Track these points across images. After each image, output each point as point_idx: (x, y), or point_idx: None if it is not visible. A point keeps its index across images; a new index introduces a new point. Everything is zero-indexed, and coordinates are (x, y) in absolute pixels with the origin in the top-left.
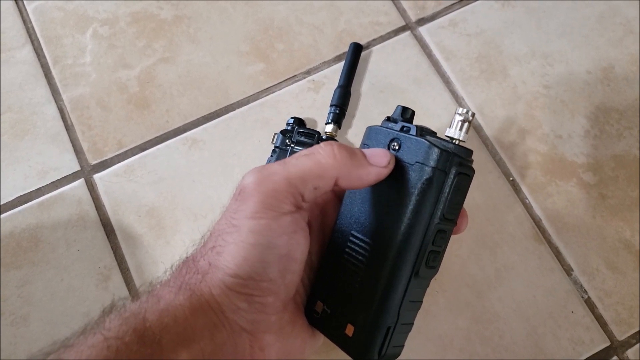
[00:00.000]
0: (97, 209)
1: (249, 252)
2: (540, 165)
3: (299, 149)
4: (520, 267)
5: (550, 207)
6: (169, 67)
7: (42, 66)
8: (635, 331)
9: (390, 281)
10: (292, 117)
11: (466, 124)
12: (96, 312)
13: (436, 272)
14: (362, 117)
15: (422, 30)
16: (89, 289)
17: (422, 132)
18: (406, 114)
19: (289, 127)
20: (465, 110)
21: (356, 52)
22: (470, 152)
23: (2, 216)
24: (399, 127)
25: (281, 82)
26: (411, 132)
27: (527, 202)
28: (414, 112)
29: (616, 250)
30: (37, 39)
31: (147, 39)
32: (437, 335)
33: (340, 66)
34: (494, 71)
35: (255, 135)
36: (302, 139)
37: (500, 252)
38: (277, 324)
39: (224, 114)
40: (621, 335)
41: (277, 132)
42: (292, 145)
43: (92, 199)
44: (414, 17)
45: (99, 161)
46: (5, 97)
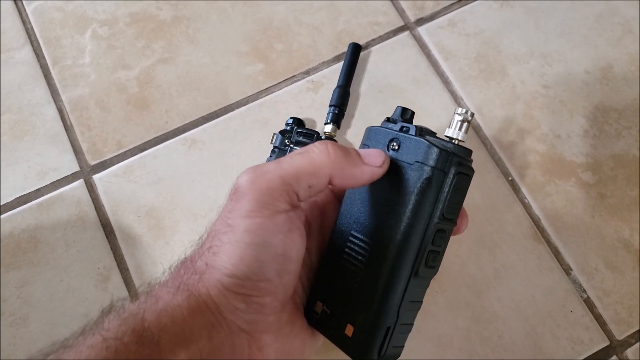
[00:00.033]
0: (96, 210)
1: (244, 251)
2: (539, 165)
3: (297, 149)
4: (519, 267)
5: (549, 207)
6: (168, 68)
7: (41, 67)
8: (634, 330)
9: (389, 281)
10: (291, 118)
11: (465, 124)
12: (95, 313)
13: (436, 272)
14: (361, 117)
15: (421, 30)
16: (89, 289)
17: (422, 132)
18: (406, 115)
19: (288, 128)
20: (464, 110)
21: (355, 52)
22: (469, 151)
23: (1, 217)
24: (399, 127)
25: (280, 82)
26: (410, 132)
27: (526, 201)
28: (413, 113)
29: (615, 249)
30: (37, 40)
31: (146, 40)
32: (436, 335)
33: (339, 66)
34: (493, 71)
35: (254, 135)
36: (301, 139)
37: (499, 251)
38: (276, 324)
39: (223, 115)
40: (620, 334)
41: (276, 132)
42: (291, 145)
43: (92, 200)
44: (412, 17)
45: (99, 162)
46: (4, 98)
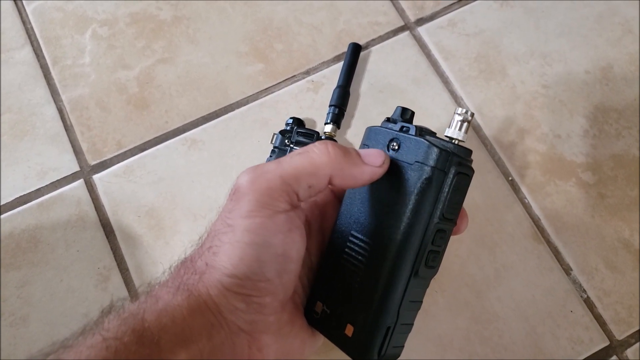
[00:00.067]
0: (96, 210)
1: (244, 251)
2: (539, 164)
3: (297, 149)
4: (519, 267)
5: (549, 207)
6: (168, 68)
7: (41, 67)
8: (634, 330)
9: (389, 281)
10: (291, 118)
11: (465, 124)
12: (95, 313)
13: (436, 272)
14: (361, 117)
15: (421, 30)
16: (89, 289)
17: (422, 132)
18: (406, 115)
19: (288, 128)
20: (464, 110)
21: (355, 52)
22: (469, 152)
23: (1, 217)
24: (399, 127)
25: (280, 82)
26: (410, 132)
27: (526, 201)
28: (413, 113)
29: (615, 249)
30: (37, 40)
31: (146, 40)
32: (436, 335)
33: (339, 66)
34: (493, 71)
35: (254, 135)
36: (301, 139)
37: (499, 251)
38: (276, 325)
39: (223, 115)
40: (620, 334)
41: (276, 132)
42: (291, 145)
43: (92, 200)
44: (412, 17)
45: (99, 162)
46: (4, 98)
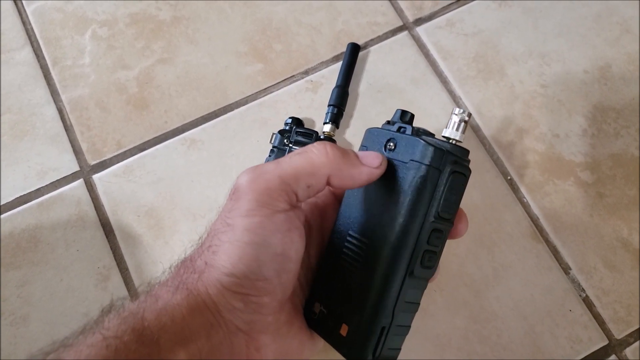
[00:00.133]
0: (96, 209)
1: (243, 250)
2: (537, 164)
3: (297, 148)
4: (518, 266)
5: (547, 206)
6: (167, 68)
7: (41, 67)
8: (633, 329)
9: (384, 280)
10: (290, 117)
11: (463, 124)
12: (95, 312)
13: (433, 272)
14: (359, 117)
15: (420, 30)
16: (88, 289)
17: (419, 132)
18: (405, 117)
19: (287, 127)
20: (461, 110)
21: (354, 52)
22: (466, 151)
23: (1, 217)
24: (396, 127)
25: (279, 82)
26: (407, 132)
27: (525, 201)
28: (413, 115)
29: (614, 248)
30: (37, 40)
31: (145, 40)
32: (435, 334)
33: (338, 66)
34: (492, 71)
35: (253, 135)
36: (300, 138)
37: (498, 251)
38: (274, 325)
39: (223, 114)
40: (619, 333)
41: (275, 132)
42: (290, 145)
43: (92, 199)
44: (411, 17)
45: (98, 161)
46: (4, 98)
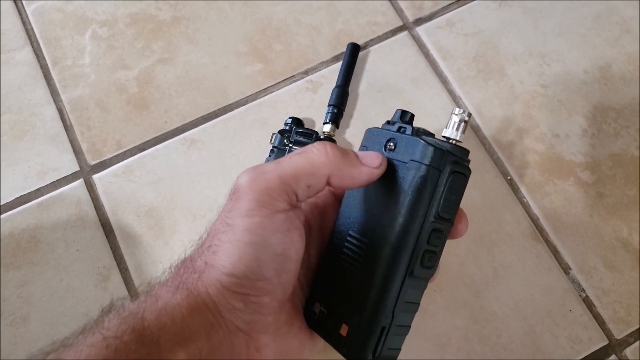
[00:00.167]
0: (96, 209)
1: (243, 250)
2: (537, 164)
3: (297, 148)
4: (517, 266)
5: (547, 206)
6: (167, 68)
7: (41, 67)
8: (633, 329)
9: (384, 280)
10: (290, 117)
11: (463, 124)
12: (95, 312)
13: (433, 273)
14: (359, 117)
15: (420, 30)
16: (88, 289)
17: (419, 132)
18: (405, 117)
19: (287, 127)
20: (461, 110)
21: (354, 52)
22: (466, 151)
23: (1, 217)
24: (396, 127)
25: (279, 82)
26: (407, 132)
27: (525, 201)
28: (413, 115)
29: (614, 248)
30: (37, 40)
31: (145, 40)
32: (434, 334)
33: (338, 66)
34: (492, 71)
35: (253, 135)
36: (300, 138)
37: (498, 251)
38: (274, 325)
39: (223, 114)
40: (619, 333)
41: (275, 132)
42: (290, 145)
43: (91, 199)
44: (411, 17)
45: (98, 161)
46: (4, 98)
